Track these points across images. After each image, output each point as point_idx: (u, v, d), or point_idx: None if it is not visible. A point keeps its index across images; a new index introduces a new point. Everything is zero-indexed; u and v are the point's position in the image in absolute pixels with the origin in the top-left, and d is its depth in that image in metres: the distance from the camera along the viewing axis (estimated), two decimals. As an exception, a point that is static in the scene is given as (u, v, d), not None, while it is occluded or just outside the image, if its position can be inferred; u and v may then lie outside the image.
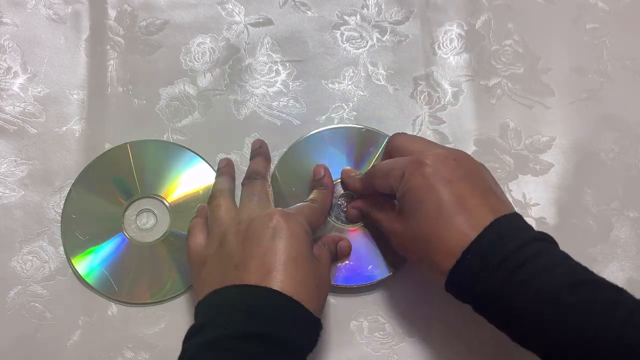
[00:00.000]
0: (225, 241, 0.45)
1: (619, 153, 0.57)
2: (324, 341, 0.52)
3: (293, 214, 0.45)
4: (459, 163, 0.45)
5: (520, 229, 0.42)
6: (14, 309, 0.52)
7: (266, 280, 0.41)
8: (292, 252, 0.43)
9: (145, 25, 0.58)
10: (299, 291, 0.41)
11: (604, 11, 0.60)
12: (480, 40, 0.59)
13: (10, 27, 0.58)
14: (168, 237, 0.53)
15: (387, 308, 0.53)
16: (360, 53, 0.59)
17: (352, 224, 0.53)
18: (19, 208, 0.54)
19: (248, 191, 0.50)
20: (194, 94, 0.57)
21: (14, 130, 0.55)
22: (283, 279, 0.41)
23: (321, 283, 0.45)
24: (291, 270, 0.42)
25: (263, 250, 0.42)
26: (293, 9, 0.59)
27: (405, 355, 0.52)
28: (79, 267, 0.52)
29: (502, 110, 0.58)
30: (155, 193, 0.54)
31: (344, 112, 0.57)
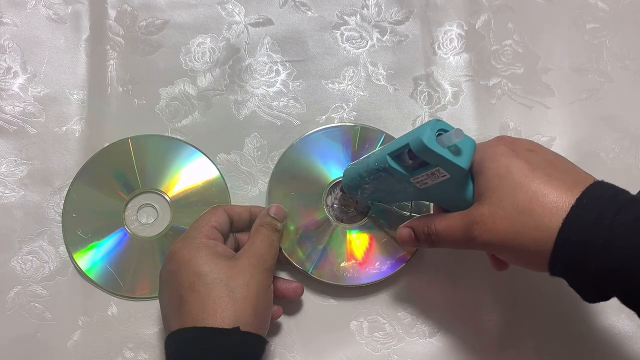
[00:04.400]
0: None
1: (619, 153, 0.57)
2: (324, 341, 0.52)
3: (183, 239, 0.47)
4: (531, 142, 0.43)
5: (619, 189, 0.38)
6: (14, 309, 0.52)
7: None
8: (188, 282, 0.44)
9: (145, 25, 0.58)
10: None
11: (604, 11, 0.60)
12: (480, 40, 0.59)
13: (10, 27, 0.58)
14: (169, 232, 0.54)
15: (387, 308, 0.53)
16: (360, 53, 0.59)
17: (352, 223, 0.53)
18: (19, 208, 0.54)
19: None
20: (194, 94, 0.57)
21: (14, 130, 0.55)
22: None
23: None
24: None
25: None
26: (293, 9, 0.59)
27: (405, 355, 0.52)
28: (81, 262, 0.52)
29: (502, 110, 0.58)
30: (156, 188, 0.54)
31: (344, 112, 0.57)
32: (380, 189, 0.47)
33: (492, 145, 0.42)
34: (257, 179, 0.56)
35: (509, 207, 0.38)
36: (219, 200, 0.54)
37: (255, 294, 0.44)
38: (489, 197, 0.40)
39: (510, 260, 0.41)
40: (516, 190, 0.38)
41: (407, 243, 0.46)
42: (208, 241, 0.46)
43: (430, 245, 0.45)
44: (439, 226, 0.43)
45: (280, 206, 0.50)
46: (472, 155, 0.41)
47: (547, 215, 0.37)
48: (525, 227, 0.37)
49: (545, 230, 0.37)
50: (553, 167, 0.39)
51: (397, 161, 0.43)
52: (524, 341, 0.52)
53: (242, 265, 0.45)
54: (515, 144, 0.42)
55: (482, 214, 0.40)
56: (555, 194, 0.37)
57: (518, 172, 0.39)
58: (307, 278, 0.52)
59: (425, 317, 0.53)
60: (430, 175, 0.41)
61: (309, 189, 0.54)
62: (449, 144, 0.39)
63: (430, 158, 0.40)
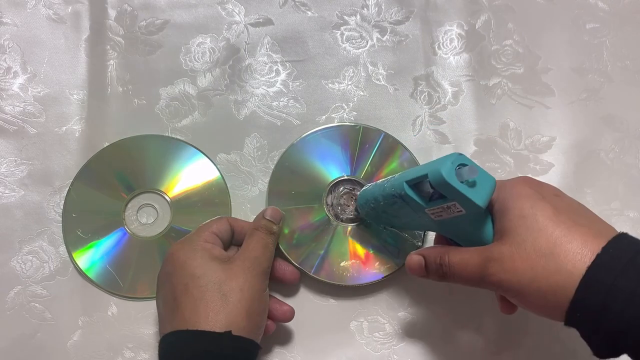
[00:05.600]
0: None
1: (619, 153, 0.57)
2: (324, 341, 0.52)
3: (182, 241, 0.47)
4: (556, 188, 0.42)
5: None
6: (14, 309, 0.52)
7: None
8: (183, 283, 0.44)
9: (145, 25, 0.58)
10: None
11: (604, 11, 0.60)
12: (480, 40, 0.59)
13: (10, 27, 0.58)
14: (169, 232, 0.54)
15: (387, 308, 0.53)
16: (360, 53, 0.59)
17: (352, 223, 0.53)
18: (19, 208, 0.54)
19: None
20: (194, 94, 0.57)
21: (14, 130, 0.55)
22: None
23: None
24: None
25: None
26: (293, 9, 0.59)
27: (405, 355, 0.52)
28: (80, 261, 0.52)
29: (502, 110, 0.58)
30: (156, 188, 0.54)
31: (344, 112, 0.57)
32: (394, 215, 0.46)
33: (516, 186, 0.41)
34: (257, 179, 0.56)
35: (531, 249, 0.37)
36: (219, 201, 0.54)
37: (248, 298, 0.44)
38: (510, 236, 0.39)
39: (523, 304, 0.40)
40: (540, 233, 0.37)
41: (415, 271, 0.44)
42: (205, 244, 0.46)
43: (439, 277, 0.43)
44: (454, 259, 0.41)
45: (276, 208, 0.50)
46: (490, 194, 0.40)
47: (571, 260, 0.36)
48: (545, 270, 0.36)
49: (567, 276, 0.36)
50: (578, 214, 0.39)
51: (415, 190, 0.42)
52: (523, 341, 0.52)
53: (236, 269, 0.45)
54: (541, 187, 0.41)
55: (502, 252, 0.38)
56: (580, 241, 0.36)
57: (543, 215, 0.38)
58: (307, 278, 0.52)
59: (425, 317, 0.53)
60: (446, 209, 0.41)
61: (309, 188, 0.54)
62: (464, 179, 0.38)
63: (447, 192, 0.39)
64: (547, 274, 0.36)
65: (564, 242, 0.36)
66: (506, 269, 0.38)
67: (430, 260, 0.43)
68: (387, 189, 0.44)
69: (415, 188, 0.42)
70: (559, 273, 0.36)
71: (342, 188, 0.54)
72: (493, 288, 0.40)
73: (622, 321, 0.34)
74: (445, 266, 0.42)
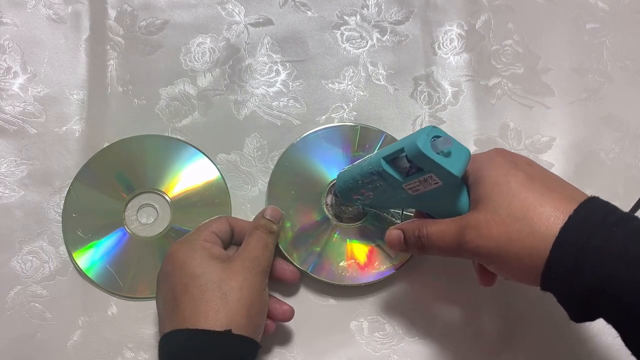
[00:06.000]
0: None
1: (619, 153, 0.57)
2: (324, 341, 0.52)
3: (181, 241, 0.47)
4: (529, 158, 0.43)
5: (615, 206, 0.38)
6: (14, 309, 0.52)
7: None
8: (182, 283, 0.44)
9: (145, 25, 0.58)
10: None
11: (604, 11, 0.60)
12: (480, 40, 0.59)
13: (10, 27, 0.58)
14: (169, 232, 0.54)
15: (387, 308, 0.53)
16: (360, 53, 0.59)
17: (352, 223, 0.53)
18: (19, 208, 0.54)
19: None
20: (194, 94, 0.57)
21: (14, 130, 0.55)
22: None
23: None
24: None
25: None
26: (293, 9, 0.59)
27: (405, 355, 0.52)
28: (80, 261, 0.52)
29: (502, 110, 0.58)
30: (156, 188, 0.54)
31: (344, 112, 0.57)
32: (373, 195, 0.47)
33: (491, 156, 0.42)
34: (257, 179, 0.56)
35: (505, 214, 0.38)
36: (219, 201, 0.54)
37: (248, 297, 0.44)
38: (485, 204, 0.40)
39: (500, 270, 0.41)
40: (514, 199, 0.38)
41: (395, 246, 0.45)
42: (205, 243, 0.46)
43: (419, 250, 0.44)
44: (431, 230, 0.42)
45: (275, 208, 0.50)
46: (465, 164, 0.41)
47: (544, 223, 0.37)
48: (520, 234, 0.37)
49: (540, 238, 0.36)
50: (551, 180, 0.40)
51: (392, 166, 0.43)
52: (522, 342, 0.52)
53: (236, 268, 0.45)
54: (514, 157, 0.42)
55: (477, 219, 0.39)
56: (552, 204, 0.37)
57: (516, 181, 0.39)
58: (307, 278, 0.52)
59: (425, 317, 0.53)
60: (423, 182, 0.41)
61: (309, 188, 0.54)
62: (439, 150, 0.39)
63: (423, 163, 0.40)
64: (521, 237, 0.37)
65: (536, 206, 0.37)
66: (482, 235, 0.39)
67: (408, 234, 0.44)
68: (364, 168, 0.45)
69: (392, 164, 0.43)
70: (533, 235, 0.37)
71: (334, 194, 0.54)
72: (470, 256, 0.41)
73: (594, 278, 0.34)
74: (423, 238, 0.43)
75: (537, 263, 0.37)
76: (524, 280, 0.39)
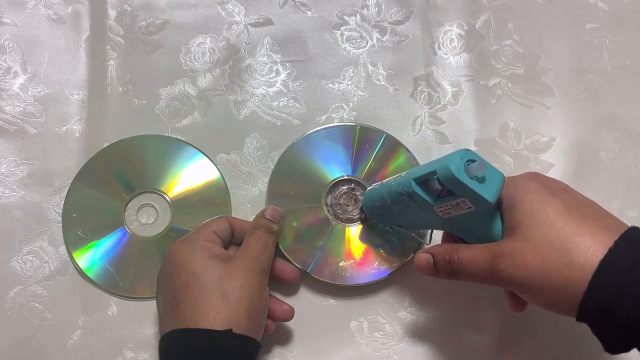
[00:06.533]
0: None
1: (619, 153, 0.57)
2: (324, 341, 0.52)
3: (182, 240, 0.47)
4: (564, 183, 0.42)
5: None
6: (14, 309, 0.52)
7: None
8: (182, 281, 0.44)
9: (145, 25, 0.58)
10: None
11: (604, 11, 0.60)
12: (480, 40, 0.59)
13: (10, 27, 0.58)
14: (169, 232, 0.54)
15: (387, 308, 0.53)
16: (360, 53, 0.59)
17: (352, 223, 0.53)
18: (19, 208, 0.54)
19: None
20: (194, 94, 0.57)
21: (14, 130, 0.55)
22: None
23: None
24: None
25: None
26: (293, 9, 0.59)
27: (405, 355, 0.52)
28: (80, 261, 0.52)
29: (502, 110, 0.58)
30: (156, 188, 0.54)
31: (344, 112, 0.57)
32: (401, 214, 0.46)
33: (525, 181, 0.41)
34: (257, 179, 0.56)
35: (542, 243, 0.37)
36: (219, 201, 0.54)
37: (249, 296, 0.44)
38: (520, 232, 0.38)
39: (534, 299, 0.39)
40: (550, 227, 0.37)
41: (424, 270, 0.44)
42: (205, 243, 0.46)
43: (448, 275, 0.43)
44: (463, 255, 0.41)
45: (276, 208, 0.50)
46: (499, 189, 0.39)
47: (583, 254, 0.36)
48: (557, 264, 0.36)
49: (579, 269, 0.35)
50: (588, 208, 0.39)
51: (422, 187, 0.42)
52: (524, 342, 0.52)
53: (236, 267, 0.45)
54: (550, 182, 0.41)
55: (512, 247, 0.38)
56: (591, 235, 0.36)
57: (553, 209, 0.38)
58: (307, 278, 0.52)
59: (425, 317, 0.53)
60: (455, 206, 0.40)
61: (309, 188, 0.54)
62: (472, 175, 0.38)
63: (456, 188, 0.39)
64: (559, 268, 0.36)
65: (575, 236, 0.36)
66: (517, 264, 0.38)
67: (438, 258, 0.43)
68: (393, 187, 0.44)
69: (423, 185, 0.42)
70: (571, 266, 0.36)
71: (341, 188, 0.54)
72: (503, 284, 0.40)
73: (636, 310, 0.34)
74: (454, 264, 0.42)
75: (573, 295, 0.36)
76: (558, 310, 0.38)
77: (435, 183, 0.41)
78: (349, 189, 0.54)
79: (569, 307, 0.37)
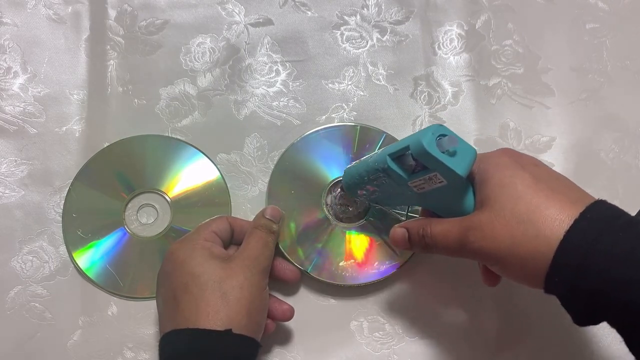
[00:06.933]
0: None
1: (619, 153, 0.57)
2: (324, 341, 0.52)
3: (181, 240, 0.47)
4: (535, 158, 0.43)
5: (621, 210, 0.38)
6: (14, 309, 0.52)
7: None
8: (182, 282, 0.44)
9: (145, 25, 0.58)
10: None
11: (604, 11, 0.60)
12: (480, 40, 0.59)
13: (10, 27, 0.58)
14: (169, 232, 0.54)
15: (387, 308, 0.53)
16: (360, 53, 0.59)
17: (352, 222, 0.53)
18: (19, 208, 0.54)
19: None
20: (194, 94, 0.57)
21: (14, 130, 0.55)
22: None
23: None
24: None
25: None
26: (293, 9, 0.59)
27: (405, 355, 0.52)
28: (80, 261, 0.52)
29: (502, 110, 0.58)
30: (156, 188, 0.54)
31: (344, 112, 0.57)
32: (379, 191, 0.47)
33: (496, 156, 0.42)
34: (257, 179, 0.56)
35: (510, 216, 0.38)
36: (219, 201, 0.54)
37: (248, 296, 0.44)
38: (489, 205, 0.39)
39: (504, 272, 0.40)
40: (518, 200, 0.38)
41: (399, 244, 0.46)
42: (205, 242, 0.46)
43: (422, 248, 0.44)
44: (435, 229, 0.42)
45: (276, 207, 0.50)
46: (471, 164, 0.40)
47: (549, 226, 0.36)
48: (524, 236, 0.37)
49: (545, 241, 0.36)
50: (557, 182, 0.40)
51: (397, 163, 0.43)
52: (523, 342, 0.52)
53: (236, 267, 0.45)
54: (521, 157, 0.42)
55: (481, 220, 0.39)
56: (558, 207, 0.37)
57: (522, 183, 0.39)
58: (307, 278, 0.52)
59: (425, 317, 0.53)
60: (428, 180, 0.41)
61: (309, 188, 0.54)
62: (444, 149, 0.39)
63: (428, 162, 0.40)
64: (526, 240, 0.37)
65: (542, 209, 0.37)
66: (486, 237, 0.39)
67: (413, 232, 0.44)
68: (370, 164, 0.45)
69: (397, 161, 0.43)
70: (538, 238, 0.36)
71: (339, 189, 0.54)
72: (473, 256, 0.41)
73: (600, 281, 0.34)
74: (427, 237, 0.43)
75: (541, 266, 0.36)
76: (527, 282, 0.39)
77: (409, 158, 0.42)
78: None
79: (536, 279, 0.37)
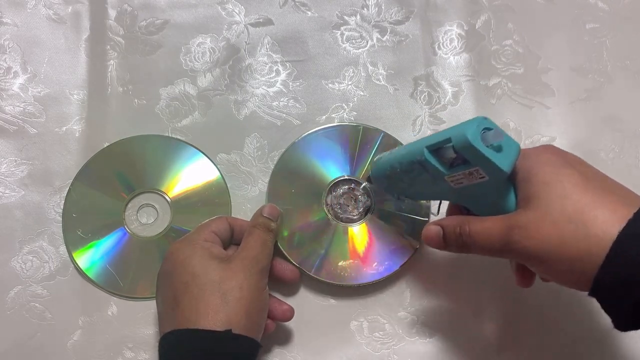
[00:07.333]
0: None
1: (619, 153, 0.57)
2: (324, 341, 0.52)
3: (181, 240, 0.47)
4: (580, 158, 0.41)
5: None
6: (14, 309, 0.52)
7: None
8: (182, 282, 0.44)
9: (145, 25, 0.58)
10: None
11: (604, 11, 0.60)
12: (480, 40, 0.59)
13: (10, 27, 0.58)
14: (169, 232, 0.54)
15: (387, 308, 0.53)
16: (360, 53, 0.59)
17: (351, 222, 0.53)
18: (19, 208, 0.54)
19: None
20: (194, 94, 0.57)
21: (14, 130, 0.55)
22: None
23: None
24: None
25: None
26: (293, 9, 0.59)
27: (405, 355, 0.52)
28: (80, 261, 0.52)
29: (502, 110, 0.58)
30: (157, 188, 0.54)
31: (344, 112, 0.57)
32: (411, 184, 0.44)
33: (540, 153, 0.40)
34: (257, 179, 0.56)
35: (558, 215, 0.36)
36: (219, 201, 0.54)
37: (248, 296, 0.44)
38: (535, 203, 0.37)
39: (549, 273, 0.38)
40: (567, 200, 0.36)
41: (433, 243, 0.43)
42: (204, 243, 0.46)
43: (459, 247, 0.41)
44: (475, 228, 0.40)
45: (274, 206, 0.50)
46: (515, 160, 0.38)
47: (600, 227, 0.35)
48: (574, 236, 0.35)
49: (596, 241, 0.34)
50: (607, 181, 0.38)
51: (435, 155, 0.40)
52: (524, 342, 0.52)
53: (236, 267, 0.45)
54: (566, 155, 0.40)
55: (528, 219, 0.37)
56: (609, 208, 0.35)
57: (570, 181, 0.37)
58: (307, 278, 0.52)
59: (425, 317, 0.53)
60: (468, 175, 0.39)
61: (309, 188, 0.54)
62: (489, 143, 0.37)
63: (471, 156, 0.37)
64: (575, 240, 0.35)
65: (592, 208, 0.35)
66: (531, 236, 0.37)
67: (449, 230, 0.42)
68: (405, 155, 0.43)
69: (435, 154, 0.40)
70: (588, 238, 0.35)
71: (341, 188, 0.54)
72: (517, 257, 0.39)
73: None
74: (465, 236, 0.40)
75: (590, 267, 0.35)
76: (572, 284, 0.37)
77: (449, 151, 0.39)
78: (348, 189, 0.54)
79: (583, 279, 0.35)
